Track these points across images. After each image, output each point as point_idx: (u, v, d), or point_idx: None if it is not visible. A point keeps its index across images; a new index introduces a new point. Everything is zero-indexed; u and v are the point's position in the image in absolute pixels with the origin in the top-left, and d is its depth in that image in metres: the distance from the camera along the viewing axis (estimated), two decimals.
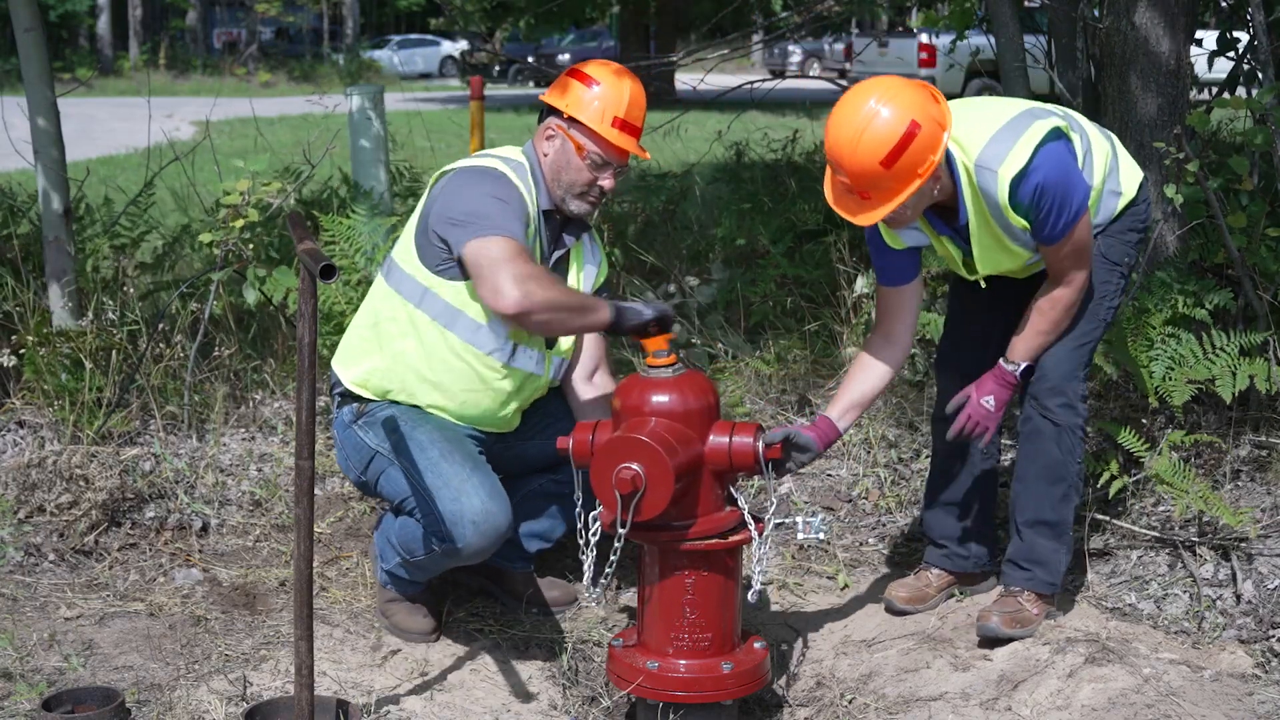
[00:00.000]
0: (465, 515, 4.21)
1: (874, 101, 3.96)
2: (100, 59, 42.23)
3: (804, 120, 17.47)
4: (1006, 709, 4.14)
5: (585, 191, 4.51)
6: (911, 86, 4.01)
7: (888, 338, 4.50)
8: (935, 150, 4.01)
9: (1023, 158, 4.13)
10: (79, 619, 4.69)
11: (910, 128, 3.94)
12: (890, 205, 4.05)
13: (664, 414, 4.01)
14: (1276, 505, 5.11)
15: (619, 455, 3.88)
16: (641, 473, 3.86)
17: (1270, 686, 4.17)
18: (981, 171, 4.17)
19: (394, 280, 4.50)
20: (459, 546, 4.24)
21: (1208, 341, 5.37)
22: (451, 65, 46.75)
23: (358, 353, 4.58)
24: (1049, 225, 4.20)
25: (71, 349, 5.89)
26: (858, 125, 3.95)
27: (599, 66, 4.53)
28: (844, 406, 4.47)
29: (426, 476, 4.30)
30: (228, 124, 19.37)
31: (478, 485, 4.26)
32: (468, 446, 4.45)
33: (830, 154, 4.05)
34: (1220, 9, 8.37)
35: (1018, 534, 4.59)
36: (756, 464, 4.08)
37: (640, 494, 3.87)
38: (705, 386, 4.12)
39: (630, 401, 4.06)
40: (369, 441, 4.51)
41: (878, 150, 3.94)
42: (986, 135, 4.18)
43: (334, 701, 3.98)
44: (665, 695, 4.09)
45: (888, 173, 3.98)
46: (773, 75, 10.24)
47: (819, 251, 8.11)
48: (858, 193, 4.07)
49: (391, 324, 4.49)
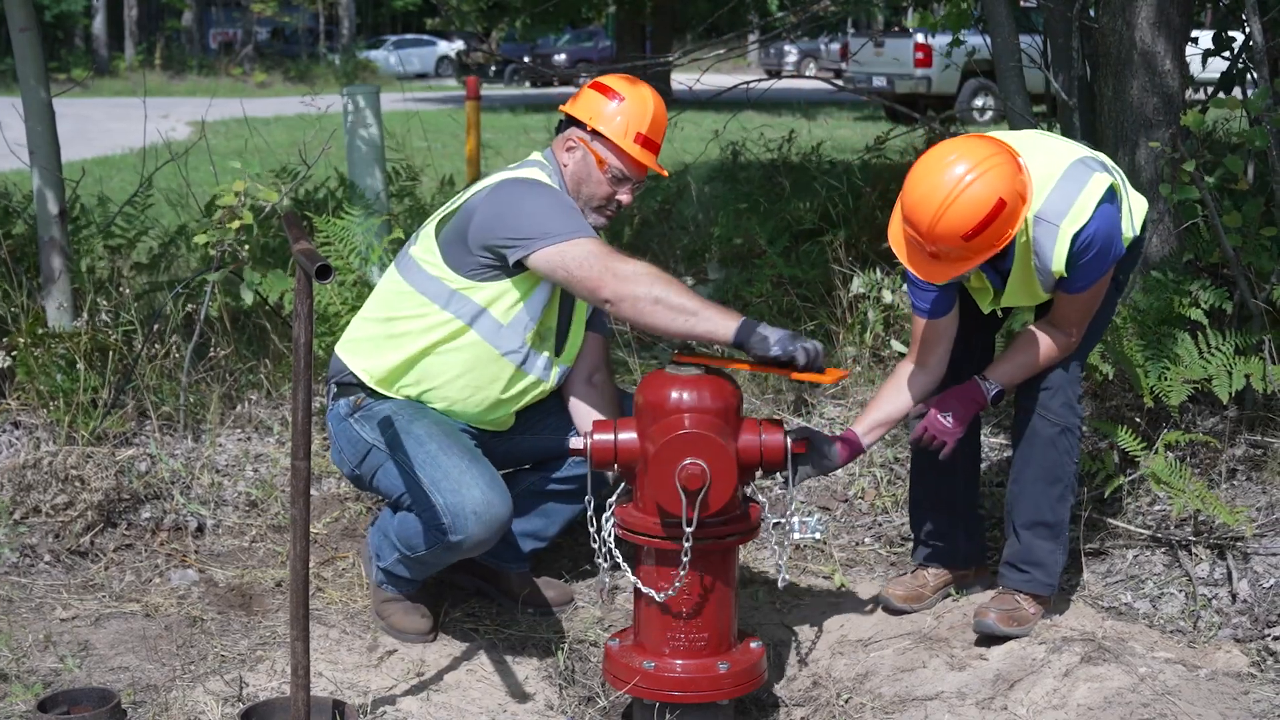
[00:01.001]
0: (467, 506, 4.21)
1: (963, 170, 3.92)
2: (96, 59, 42.19)
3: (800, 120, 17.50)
4: (1002, 708, 4.14)
5: (604, 205, 4.52)
6: (1001, 155, 3.98)
7: (924, 366, 4.50)
8: (1015, 226, 4.00)
9: (1085, 214, 4.14)
10: (74, 620, 4.69)
11: (997, 206, 3.92)
12: (961, 270, 4.07)
13: (704, 410, 3.99)
14: (1272, 504, 5.11)
15: (682, 451, 3.88)
16: (707, 468, 3.86)
17: (1265, 685, 4.17)
18: (1041, 223, 4.16)
19: (415, 280, 4.48)
20: (461, 538, 4.24)
21: (1203, 341, 5.38)
22: (448, 65, 46.76)
23: (371, 347, 4.56)
24: (1079, 278, 4.23)
25: (67, 350, 5.88)
26: (944, 194, 3.91)
27: (622, 80, 4.54)
28: (871, 424, 4.49)
29: (425, 469, 4.30)
30: (223, 124, 19.36)
31: (477, 476, 4.27)
32: (464, 440, 4.45)
33: (909, 215, 4.02)
34: (1216, 8, 8.37)
35: (1015, 535, 4.59)
36: (784, 461, 4.09)
37: (706, 489, 3.87)
38: (733, 384, 4.13)
39: (662, 399, 4.03)
40: (365, 435, 4.51)
41: (962, 225, 3.93)
42: (1047, 186, 4.18)
43: (330, 702, 3.98)
44: (662, 695, 4.09)
45: (966, 245, 3.97)
46: (769, 75, 10.25)
47: (815, 251, 8.12)
48: (928, 252, 4.07)
49: (410, 322, 4.47)
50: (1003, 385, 4.45)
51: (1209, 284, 5.65)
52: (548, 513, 4.89)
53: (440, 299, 4.42)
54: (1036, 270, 4.25)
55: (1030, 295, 4.39)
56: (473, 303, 4.39)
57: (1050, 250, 4.17)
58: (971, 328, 4.64)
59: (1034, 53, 7.65)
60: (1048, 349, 4.40)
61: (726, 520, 4.04)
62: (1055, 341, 4.40)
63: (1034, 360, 4.41)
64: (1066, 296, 4.31)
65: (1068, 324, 4.38)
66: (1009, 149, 4.04)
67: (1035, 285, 4.31)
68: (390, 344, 4.51)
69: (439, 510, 4.24)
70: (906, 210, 4.03)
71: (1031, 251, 4.21)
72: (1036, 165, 4.17)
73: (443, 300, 4.41)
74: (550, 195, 4.38)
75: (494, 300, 4.39)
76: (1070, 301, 4.32)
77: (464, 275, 4.38)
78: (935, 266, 4.09)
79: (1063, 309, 4.36)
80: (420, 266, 4.47)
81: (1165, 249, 6.06)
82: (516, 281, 4.37)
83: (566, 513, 4.88)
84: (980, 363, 4.60)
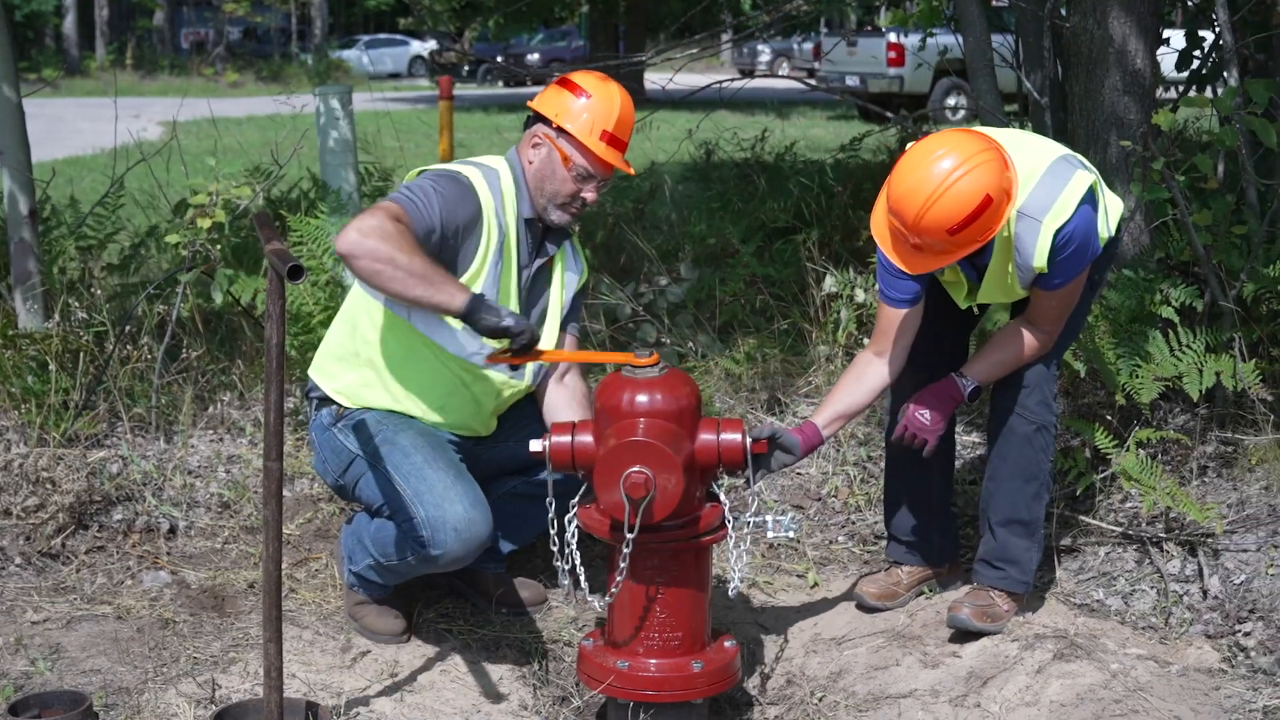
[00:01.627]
0: (448, 522, 4.19)
1: (952, 165, 3.93)
2: (66, 59, 42.01)
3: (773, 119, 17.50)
4: (976, 705, 4.15)
5: (568, 202, 4.49)
6: (990, 151, 3.99)
7: (885, 357, 4.49)
8: (1000, 222, 4.03)
9: (1068, 211, 4.16)
10: (46, 622, 4.67)
11: (984, 202, 3.94)
12: (943, 262, 4.10)
13: (657, 414, 3.99)
14: (1243, 501, 5.13)
15: (627, 459, 3.87)
16: (652, 476, 3.86)
17: (1236, 681, 4.19)
18: (1023, 219, 4.18)
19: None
20: (439, 553, 4.21)
21: (1174, 339, 5.40)
22: (420, 65, 46.66)
23: (338, 364, 4.55)
24: (1057, 275, 4.25)
25: (38, 351, 5.86)
26: (932, 188, 3.93)
27: (589, 77, 4.51)
28: (830, 415, 4.48)
29: (410, 482, 4.28)
30: (195, 124, 19.28)
31: (461, 493, 4.24)
32: (450, 454, 4.43)
33: (895, 206, 4.03)
34: (1186, 8, 8.41)
35: (990, 533, 4.60)
36: (744, 460, 4.08)
37: (651, 497, 3.87)
38: (690, 384, 4.12)
39: (617, 402, 4.03)
40: (349, 445, 4.48)
41: (948, 220, 3.94)
42: (1030, 181, 4.19)
43: (303, 703, 3.96)
44: (636, 694, 4.09)
45: (951, 239, 3.99)
46: (742, 74, 10.24)
47: (788, 250, 8.13)
48: (911, 243, 4.08)
49: (372, 330, 4.47)
50: (980, 382, 4.46)
51: (1180, 282, 5.68)
52: (526, 515, 4.87)
53: (398, 306, 4.40)
54: (1016, 266, 4.26)
55: (1005, 292, 4.41)
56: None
57: (1032, 246, 4.18)
58: (946, 325, 4.66)
59: (1006, 52, 7.67)
60: (1024, 347, 4.42)
61: (692, 520, 4.04)
62: (1032, 339, 4.41)
63: (1011, 358, 4.43)
64: (1043, 294, 4.33)
65: (1044, 322, 4.40)
66: (998, 145, 4.06)
67: (1012, 281, 4.32)
68: (356, 357, 4.50)
69: (419, 523, 4.22)
70: (893, 201, 4.04)
71: (1012, 247, 4.23)
72: (1019, 161, 4.18)
73: (402, 307, 4.40)
74: (443, 183, 4.33)
75: None
76: (1047, 299, 4.34)
77: None
78: (917, 258, 4.11)
79: (1039, 306, 4.38)
80: None
81: (1136, 247, 6.08)
82: (465, 280, 4.34)
83: (545, 516, 4.86)
84: (955, 361, 4.62)
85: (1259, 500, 5.10)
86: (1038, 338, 4.42)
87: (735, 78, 8.98)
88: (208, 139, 16.70)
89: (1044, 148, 4.38)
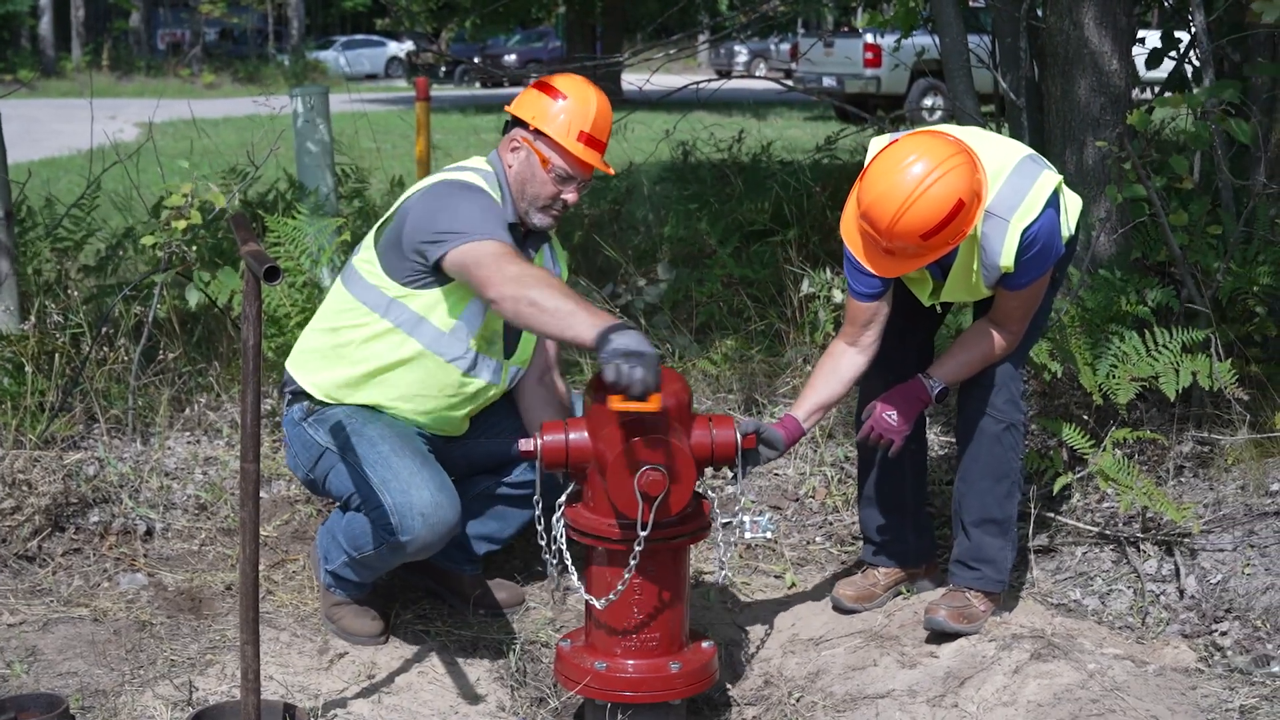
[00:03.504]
0: (415, 507, 4.20)
1: (923, 170, 3.94)
2: (42, 60, 41.83)
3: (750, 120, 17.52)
4: (953, 705, 4.16)
5: (549, 205, 4.50)
6: (960, 155, 4.00)
7: (858, 345, 4.51)
8: (971, 224, 4.04)
9: (1035, 210, 4.18)
10: (22, 625, 4.65)
11: (956, 207, 3.95)
12: (914, 265, 4.12)
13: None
14: (1219, 501, 5.15)
15: (641, 457, 3.87)
16: (666, 473, 3.86)
17: (1213, 680, 4.21)
18: (991, 218, 4.19)
19: (356, 289, 4.48)
20: (408, 539, 4.22)
21: (1150, 339, 5.41)
22: (397, 66, 46.57)
23: (318, 361, 4.54)
24: (1021, 275, 4.27)
25: (13, 353, 5.84)
26: (905, 195, 3.94)
27: (566, 79, 4.53)
28: (810, 407, 4.49)
29: (376, 470, 4.29)
30: (171, 125, 19.19)
31: (427, 479, 4.25)
32: (417, 443, 4.44)
33: (867, 212, 4.04)
34: (1162, 9, 8.44)
35: (964, 533, 4.61)
36: (735, 456, 4.10)
37: (666, 493, 3.88)
38: (684, 381, 4.12)
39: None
40: (318, 439, 4.49)
41: (922, 226, 3.96)
42: (997, 181, 4.20)
43: (281, 705, 3.96)
44: (613, 695, 4.09)
45: (924, 243, 4.00)
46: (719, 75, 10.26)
47: (766, 252, 8.14)
48: (883, 248, 4.09)
49: (353, 331, 4.47)
50: (947, 383, 4.48)
51: (1156, 282, 5.70)
52: (502, 516, 4.88)
53: (380, 307, 4.40)
54: (982, 265, 4.27)
55: (970, 290, 4.42)
56: (410, 310, 4.38)
57: (999, 245, 4.19)
58: (912, 324, 4.67)
59: (982, 53, 7.69)
60: (990, 346, 4.44)
61: (680, 520, 4.04)
62: (998, 339, 4.43)
63: (976, 357, 4.45)
64: (1007, 293, 4.34)
65: (1010, 321, 4.41)
66: (967, 147, 4.07)
67: (976, 280, 4.33)
68: (336, 355, 4.50)
69: (387, 510, 4.23)
70: (864, 208, 4.04)
71: (978, 246, 4.24)
72: (987, 161, 4.20)
73: (382, 309, 4.40)
74: (477, 198, 4.36)
75: (432, 308, 4.38)
76: (1012, 298, 4.35)
77: (400, 282, 4.37)
78: (889, 261, 4.12)
79: (1004, 306, 4.39)
80: (360, 275, 4.47)
81: (1112, 248, 6.10)
82: (451, 288, 4.36)
83: (521, 517, 4.87)
84: (921, 359, 4.64)
85: (1235, 500, 5.12)
86: (1004, 337, 4.43)
87: (712, 78, 9.00)
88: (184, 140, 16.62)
89: (1009, 147, 4.40)
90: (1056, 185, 4.25)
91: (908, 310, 4.60)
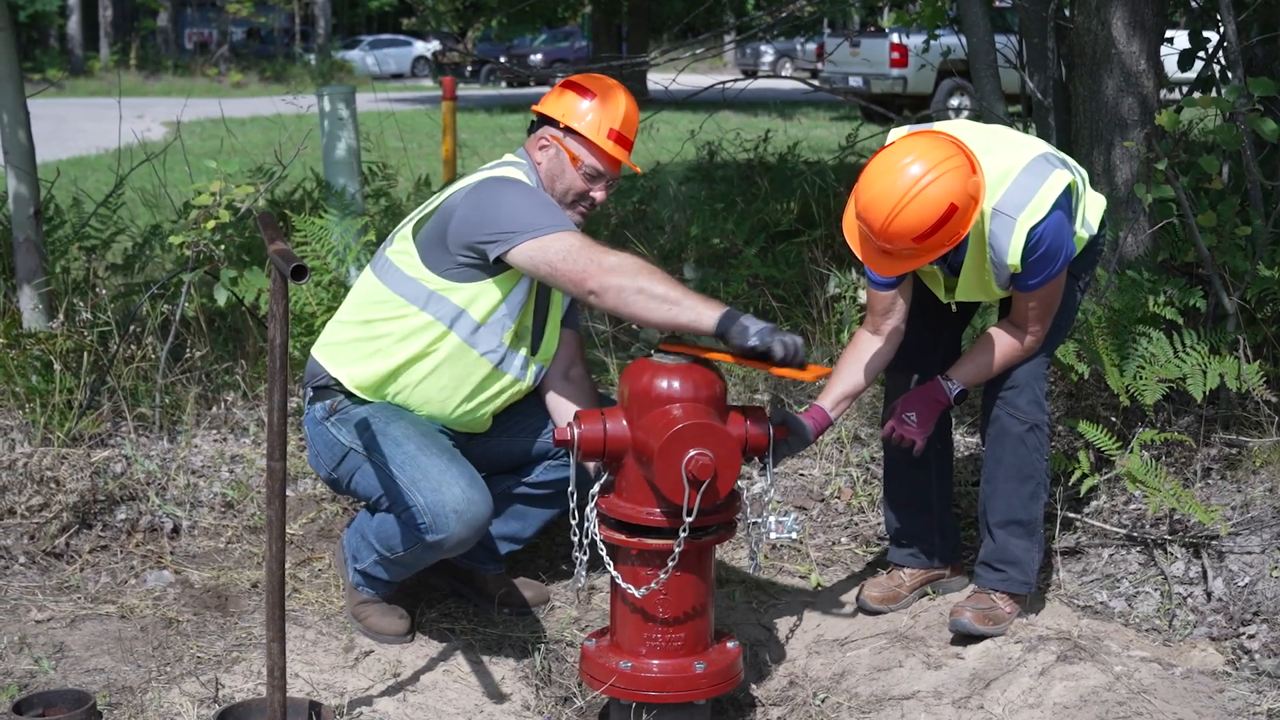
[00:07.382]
0: (448, 505, 4.20)
1: (919, 172, 3.92)
2: (70, 59, 42.06)
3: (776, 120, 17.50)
4: (979, 707, 4.15)
5: (577, 201, 4.52)
6: (957, 157, 3.98)
7: (878, 332, 4.52)
8: (967, 227, 4.02)
9: (1042, 209, 4.16)
10: (50, 622, 4.67)
11: (949, 211, 3.94)
12: (912, 265, 4.10)
13: (701, 399, 3.98)
14: (1247, 503, 5.13)
15: (688, 443, 3.85)
16: (713, 458, 3.86)
17: (1241, 684, 4.19)
18: (998, 216, 4.18)
19: (391, 281, 4.47)
20: (442, 537, 4.22)
21: (1178, 340, 5.39)
22: (423, 65, 46.67)
23: (352, 352, 4.53)
24: (1029, 276, 4.25)
25: (42, 351, 5.86)
26: (899, 197, 3.92)
27: (593, 79, 4.56)
28: (836, 396, 4.50)
29: (405, 470, 4.29)
30: (199, 124, 19.31)
31: (457, 475, 4.26)
32: (442, 440, 4.45)
33: (862, 212, 4.03)
34: (1190, 9, 8.40)
35: (990, 535, 4.60)
36: (768, 446, 4.10)
37: (714, 479, 3.88)
38: (719, 371, 4.12)
39: (651, 387, 4.00)
40: (341, 438, 4.49)
41: (915, 228, 3.94)
42: (1007, 179, 4.19)
43: (306, 703, 3.97)
44: (638, 695, 4.08)
45: (918, 245, 3.99)
46: (745, 75, 10.26)
47: (791, 252, 8.13)
48: (879, 248, 4.08)
49: (389, 324, 4.46)
50: (965, 385, 4.47)
51: (1184, 283, 5.68)
52: (523, 515, 4.88)
53: (419, 300, 4.41)
54: (991, 263, 4.26)
55: (984, 289, 4.41)
56: (451, 303, 4.38)
57: (1006, 244, 4.18)
58: (937, 325, 4.66)
59: (1009, 53, 7.67)
60: (1008, 348, 4.42)
61: (715, 510, 4.03)
62: (1015, 341, 4.41)
63: (994, 360, 4.43)
64: (1021, 295, 4.33)
65: (1027, 322, 4.39)
66: (965, 149, 4.05)
67: (989, 279, 4.32)
68: (371, 347, 4.49)
69: (419, 510, 4.23)
70: (860, 208, 4.05)
71: (987, 244, 4.23)
72: (998, 159, 4.19)
73: (421, 301, 4.40)
74: (529, 191, 4.38)
75: (473, 300, 4.38)
76: (1026, 299, 4.34)
77: (442, 276, 4.37)
78: (887, 261, 4.12)
79: (1019, 308, 4.38)
80: (397, 268, 4.46)
81: (1140, 248, 6.08)
82: (497, 281, 4.37)
83: (543, 516, 4.88)
84: (947, 361, 4.62)
85: (1263, 502, 5.10)
86: (1021, 339, 4.42)
87: (738, 78, 9.01)
88: (211, 139, 16.71)
89: (1024, 144, 4.38)
90: (1068, 184, 4.23)
91: (933, 310, 4.60)
